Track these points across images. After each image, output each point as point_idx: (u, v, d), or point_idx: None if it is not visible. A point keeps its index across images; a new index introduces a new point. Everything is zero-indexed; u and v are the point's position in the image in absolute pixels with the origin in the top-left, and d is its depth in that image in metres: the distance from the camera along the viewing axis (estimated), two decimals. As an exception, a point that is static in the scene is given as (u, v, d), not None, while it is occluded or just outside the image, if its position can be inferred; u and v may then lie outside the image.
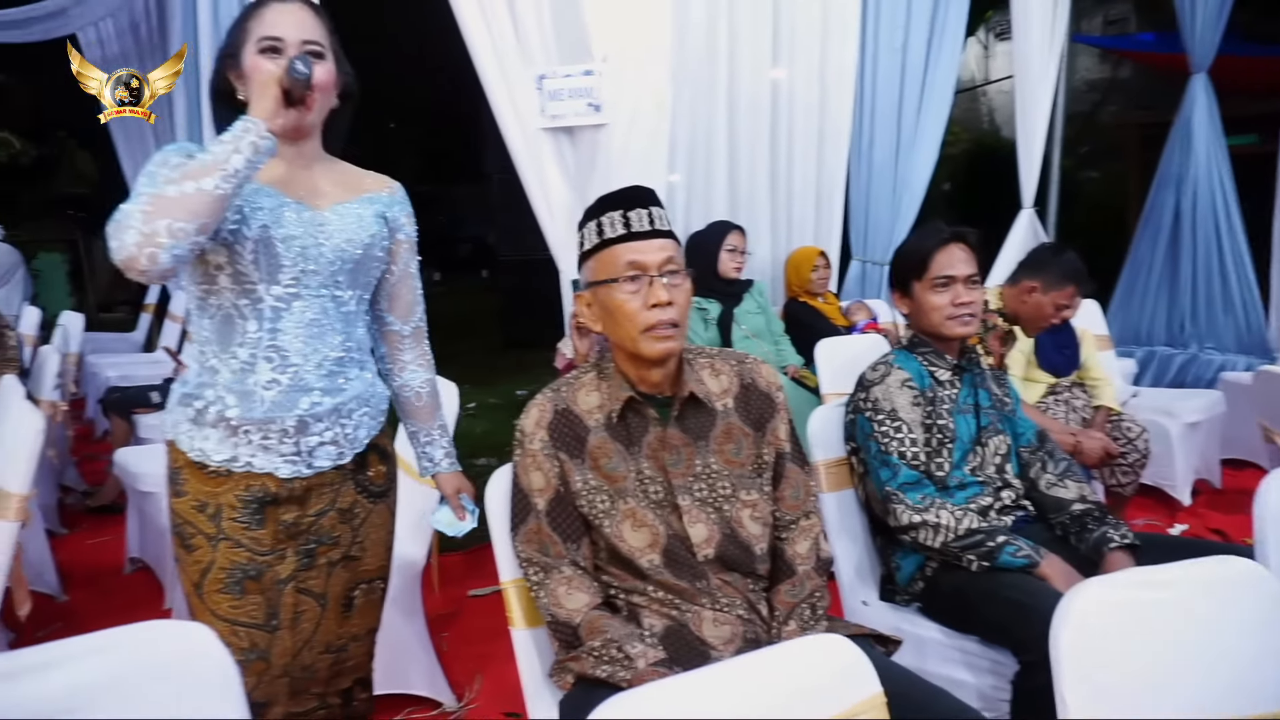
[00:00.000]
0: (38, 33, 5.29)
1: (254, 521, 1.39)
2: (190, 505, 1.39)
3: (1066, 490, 1.88)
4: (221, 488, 1.39)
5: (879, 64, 4.41)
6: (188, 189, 1.20)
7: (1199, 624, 1.04)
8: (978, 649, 1.69)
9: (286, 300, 1.38)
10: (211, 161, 1.23)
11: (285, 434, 1.39)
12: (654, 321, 1.38)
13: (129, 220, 1.19)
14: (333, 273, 1.42)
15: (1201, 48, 4.45)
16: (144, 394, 3.84)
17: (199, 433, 1.38)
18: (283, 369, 1.38)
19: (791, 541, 1.50)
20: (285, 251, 1.37)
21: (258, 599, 1.40)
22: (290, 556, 1.43)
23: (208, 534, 1.38)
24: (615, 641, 1.33)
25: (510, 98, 3.25)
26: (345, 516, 1.49)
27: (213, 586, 1.38)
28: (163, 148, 1.36)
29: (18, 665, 0.87)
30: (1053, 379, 3.11)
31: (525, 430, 1.45)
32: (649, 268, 1.40)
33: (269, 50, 1.37)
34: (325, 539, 1.47)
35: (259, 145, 1.26)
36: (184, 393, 1.42)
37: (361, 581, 1.54)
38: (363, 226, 1.45)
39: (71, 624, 2.81)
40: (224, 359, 1.38)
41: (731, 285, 3.43)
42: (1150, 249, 4.69)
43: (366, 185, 1.53)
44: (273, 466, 1.39)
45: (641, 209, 1.42)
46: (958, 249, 1.90)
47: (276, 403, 1.38)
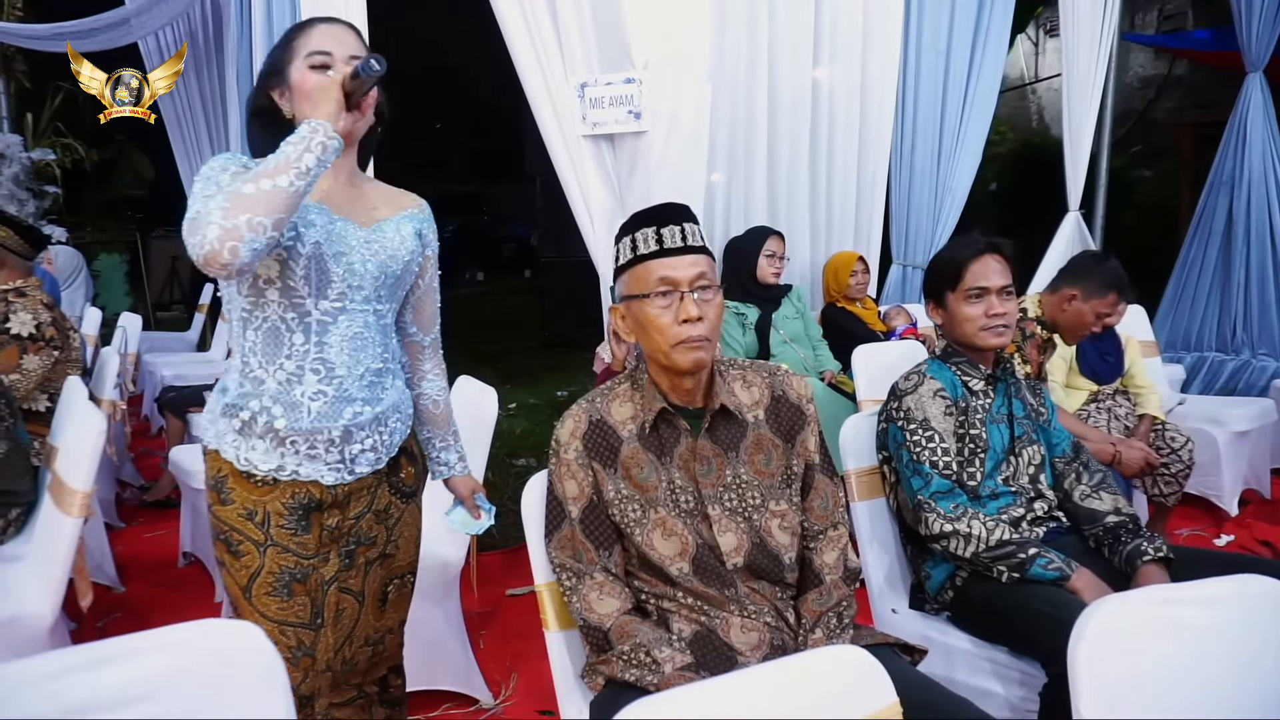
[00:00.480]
0: (102, 41, 5.48)
1: (300, 527, 1.45)
2: (238, 513, 1.43)
3: (1101, 502, 1.87)
4: (268, 495, 1.43)
5: (921, 66, 4.38)
6: (265, 186, 1.24)
7: (1218, 643, 1.04)
8: (1007, 659, 1.70)
9: (333, 314, 1.43)
10: (284, 161, 1.26)
11: (331, 443, 1.44)
12: (685, 336, 1.42)
13: (209, 217, 1.22)
14: (376, 288, 1.48)
15: (1258, 47, 4.35)
16: (198, 393, 3.97)
17: (245, 443, 1.43)
18: (328, 380, 1.43)
19: (819, 551, 1.52)
20: (335, 268, 1.42)
21: (304, 600, 1.45)
22: (333, 559, 1.49)
23: (256, 540, 1.43)
24: (644, 646, 1.37)
25: (552, 105, 3.30)
26: (381, 517, 1.56)
27: (261, 590, 1.43)
28: (216, 156, 1.42)
29: (78, 661, 0.93)
30: (1095, 386, 3.08)
31: (561, 440, 1.49)
32: (680, 283, 1.43)
33: (320, 66, 1.42)
34: (364, 539, 1.54)
35: (328, 145, 1.30)
36: (226, 403, 1.45)
37: (395, 577, 1.61)
38: (404, 244, 1.51)
39: (129, 614, 2.93)
40: (270, 370, 1.42)
41: (770, 290, 3.44)
42: (1202, 252, 4.60)
43: (404, 201, 1.59)
44: (318, 474, 1.45)
45: (674, 225, 1.45)
46: (993, 260, 1.90)
47: (322, 413, 1.43)
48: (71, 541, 2.03)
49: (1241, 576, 1.10)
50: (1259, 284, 4.37)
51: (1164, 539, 2.97)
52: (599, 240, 3.41)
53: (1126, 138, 8.40)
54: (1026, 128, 9.99)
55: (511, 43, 3.25)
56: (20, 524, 2.38)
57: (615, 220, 3.42)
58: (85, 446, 2.04)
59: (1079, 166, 4.48)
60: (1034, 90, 10.33)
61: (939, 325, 1.98)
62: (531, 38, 3.24)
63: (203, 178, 1.35)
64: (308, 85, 1.40)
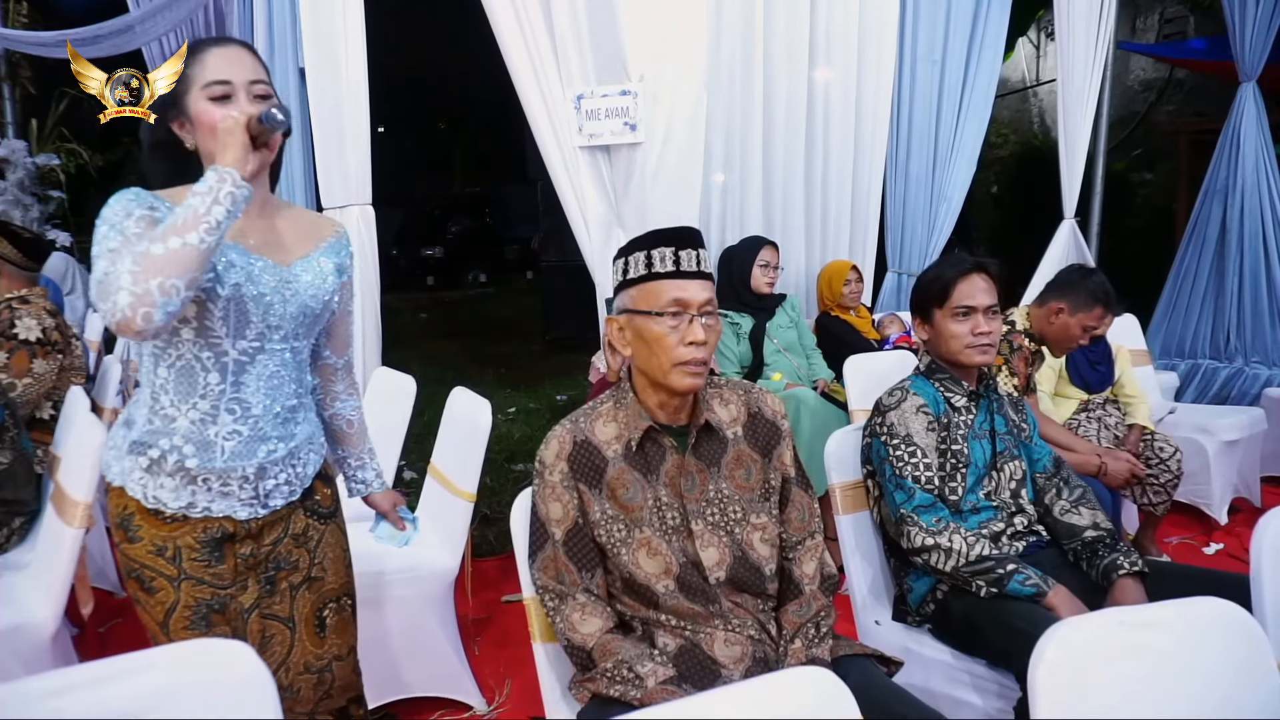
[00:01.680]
0: (106, 48, 5.53)
1: (214, 558, 1.41)
2: (147, 550, 1.39)
3: (1080, 517, 1.91)
4: (178, 531, 1.40)
5: (916, 75, 4.42)
6: (173, 245, 1.19)
7: (1171, 665, 1.08)
8: (985, 672, 1.73)
9: (250, 354, 1.41)
10: (193, 216, 1.22)
11: (245, 480, 1.42)
12: (688, 358, 1.46)
13: (119, 281, 1.18)
14: (295, 327, 1.46)
15: (1251, 56, 4.38)
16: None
17: (153, 480, 1.39)
18: (244, 420, 1.41)
19: (799, 562, 1.57)
20: (255, 309, 1.39)
21: (224, 630, 1.42)
22: (252, 585, 1.46)
23: (169, 575, 1.39)
24: (626, 662, 1.41)
25: (549, 116, 3.34)
26: (300, 540, 1.54)
27: (179, 624, 1.40)
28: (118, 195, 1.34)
29: (79, 679, 0.97)
30: (1085, 395, 3.11)
31: (545, 461, 1.52)
32: (691, 306, 1.47)
33: (220, 97, 1.37)
34: (285, 564, 1.51)
35: (236, 195, 1.26)
36: (133, 440, 1.40)
37: (329, 600, 1.58)
38: (324, 282, 1.49)
39: (130, 619, 2.97)
40: (183, 409, 1.38)
41: (764, 300, 3.48)
42: (1195, 260, 4.63)
43: (322, 231, 1.55)
44: (231, 510, 1.42)
45: (692, 249, 1.49)
46: (979, 279, 1.94)
47: (236, 452, 1.41)
48: (73, 552, 2.08)
49: (1199, 599, 1.13)
50: (1252, 292, 4.40)
51: (1149, 551, 3.03)
52: (595, 250, 3.45)
53: (1127, 141, 8.42)
54: (1027, 131, 10.01)
55: (508, 54, 3.29)
56: (24, 532, 2.43)
57: (611, 230, 3.46)
58: (86, 458, 2.08)
59: (1074, 174, 4.51)
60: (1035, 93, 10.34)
61: (924, 341, 2.02)
62: (528, 49, 3.28)
63: (106, 221, 1.29)
64: (208, 118, 1.36)
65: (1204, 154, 5.04)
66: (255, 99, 1.39)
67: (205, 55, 1.40)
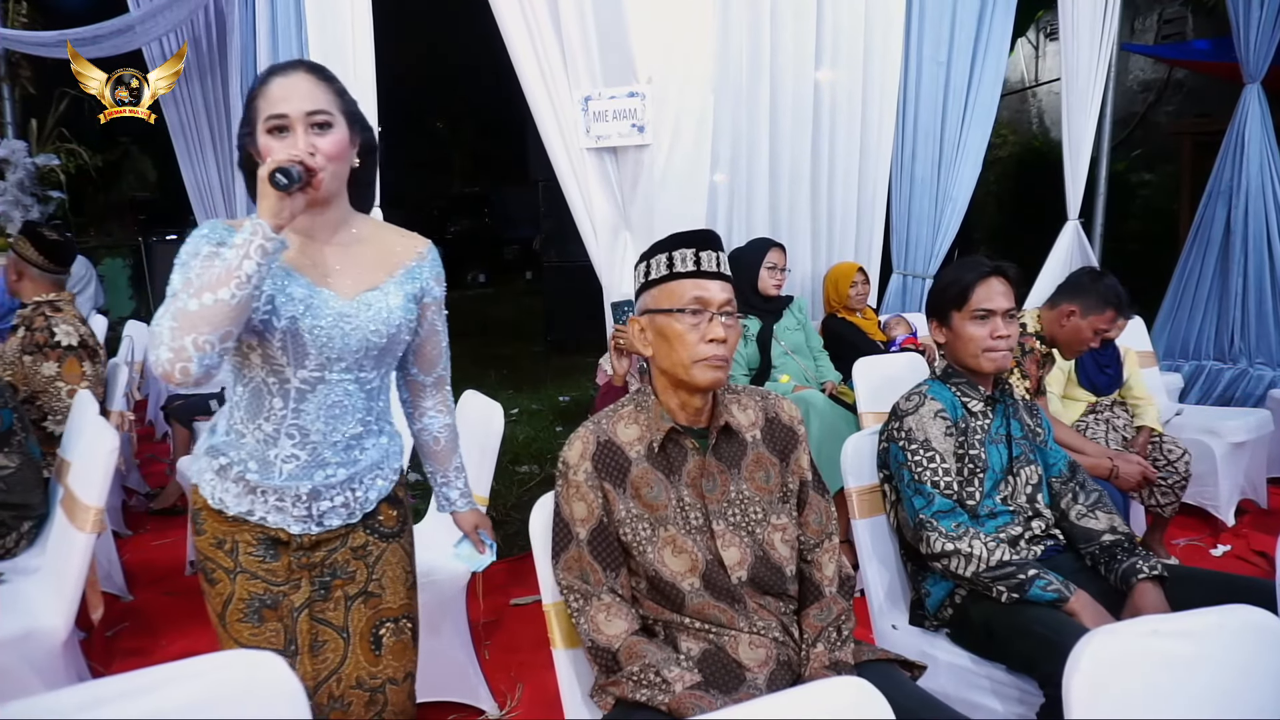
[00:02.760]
0: (106, 48, 5.51)
1: (268, 556, 1.46)
2: (209, 542, 1.46)
3: (1097, 521, 1.91)
4: (237, 528, 1.46)
5: (922, 77, 4.42)
6: (207, 301, 1.23)
7: (1204, 674, 1.07)
8: (1005, 677, 1.73)
9: (311, 383, 1.43)
10: (226, 271, 1.25)
11: (298, 499, 1.46)
12: (708, 354, 1.48)
13: (160, 337, 1.23)
14: (358, 359, 1.46)
15: (1256, 58, 4.38)
16: (204, 402, 4.01)
17: (220, 484, 1.46)
18: (302, 445, 1.44)
19: (818, 564, 1.58)
20: (312, 341, 1.40)
21: (276, 626, 1.46)
22: (305, 586, 1.49)
23: (226, 568, 1.45)
24: (653, 666, 1.40)
25: (556, 118, 3.33)
26: (358, 553, 1.54)
27: (234, 616, 1.45)
28: (202, 226, 1.39)
29: (107, 692, 0.96)
30: (1093, 398, 3.11)
31: (569, 462, 1.53)
32: (712, 304, 1.50)
33: (276, 129, 1.38)
34: (340, 573, 1.52)
35: (266, 248, 1.27)
36: (211, 444, 1.48)
37: (386, 620, 1.56)
38: (392, 314, 1.47)
39: (137, 623, 2.96)
40: (250, 428, 1.44)
41: (771, 302, 3.47)
42: (1200, 261, 4.63)
43: (397, 256, 1.52)
44: (284, 524, 1.46)
45: (713, 251, 1.53)
46: (997, 282, 1.94)
47: (293, 474, 1.45)
48: (85, 557, 2.06)
49: (1228, 607, 1.13)
50: (1256, 293, 4.40)
51: (1157, 553, 3.03)
52: (601, 252, 3.44)
53: (1127, 141, 8.43)
54: (1027, 131, 10.02)
55: (515, 55, 3.28)
56: (32, 537, 2.42)
57: (618, 232, 3.46)
58: (98, 463, 2.07)
59: (1078, 175, 4.51)
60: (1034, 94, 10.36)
61: (942, 345, 2.02)
62: (535, 50, 3.27)
63: (179, 258, 1.35)
64: (266, 154, 1.38)
65: (1207, 154, 5.04)
66: (315, 129, 1.38)
67: (268, 86, 1.40)
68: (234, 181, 6.07)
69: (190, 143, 6.25)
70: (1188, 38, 8.23)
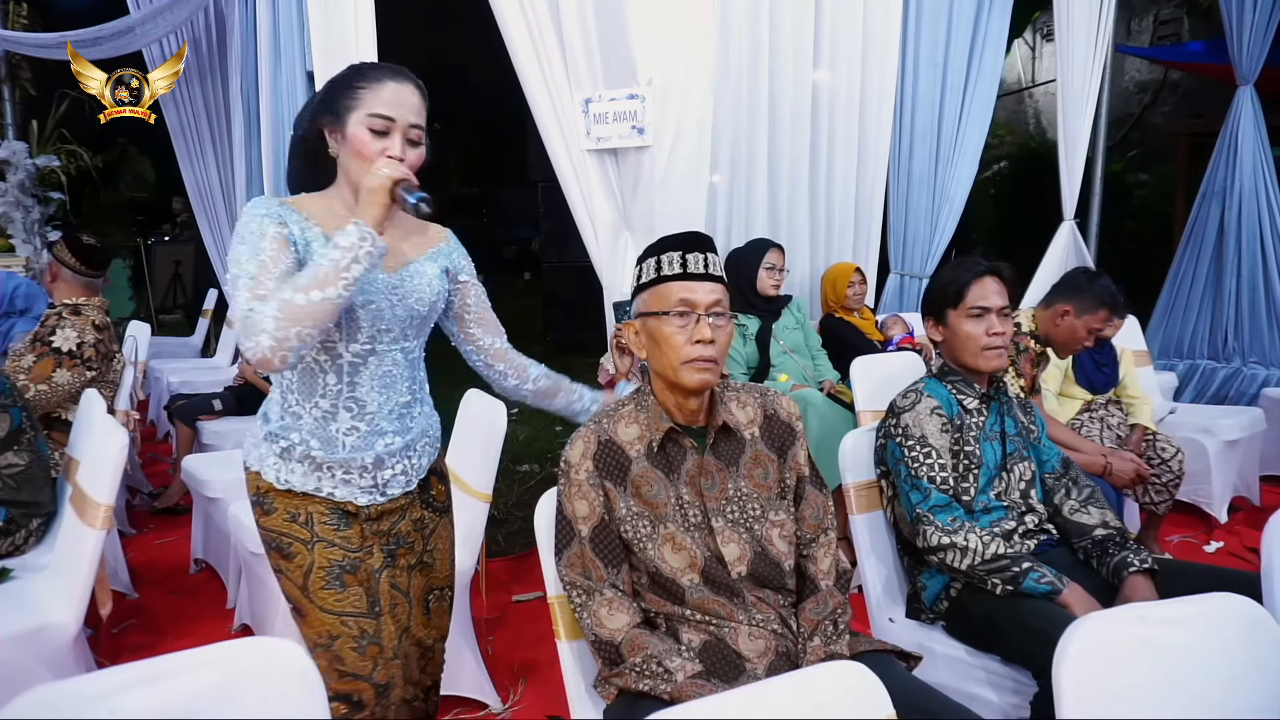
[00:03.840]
0: (106, 50, 5.53)
1: (342, 524, 1.53)
2: (283, 519, 1.52)
3: (1089, 516, 1.94)
4: (308, 501, 1.53)
5: (919, 78, 4.45)
6: (314, 298, 1.30)
7: (1193, 661, 1.11)
8: (1000, 669, 1.77)
9: (363, 356, 1.51)
10: (333, 270, 1.32)
11: (364, 469, 1.53)
12: (695, 356, 1.51)
13: (262, 324, 1.29)
14: (404, 329, 1.55)
15: (1248, 60, 4.43)
16: (207, 402, 4.04)
17: (285, 466, 1.52)
18: (360, 417, 1.52)
19: (814, 559, 1.61)
20: (364, 315, 1.48)
21: (358, 590, 1.52)
22: (377, 551, 1.57)
23: (303, 539, 1.51)
24: (655, 657, 1.44)
25: (556, 119, 3.37)
26: (417, 525, 1.65)
27: (317, 584, 1.50)
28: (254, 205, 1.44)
29: (130, 678, 0.99)
30: (1090, 396, 3.15)
31: (571, 461, 1.56)
32: (698, 306, 1.52)
33: (380, 130, 1.44)
34: (403, 542, 1.62)
35: (373, 253, 1.36)
36: (269, 431, 1.54)
37: (434, 587, 1.70)
38: (430, 285, 1.58)
39: (143, 621, 2.99)
40: (306, 407, 1.51)
41: (770, 302, 3.51)
42: (1194, 261, 4.68)
43: (426, 238, 1.64)
44: (352, 496, 1.54)
45: (699, 253, 1.55)
46: (992, 281, 1.98)
47: (356, 446, 1.52)
48: (95, 553, 2.09)
49: (1216, 595, 1.17)
50: (1250, 293, 4.45)
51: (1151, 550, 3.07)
52: (603, 253, 3.47)
53: (1123, 142, 8.47)
54: (1024, 131, 10.06)
55: (516, 57, 3.31)
56: (41, 534, 2.44)
57: (619, 233, 3.49)
58: (108, 461, 2.10)
59: (1074, 176, 4.55)
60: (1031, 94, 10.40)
61: (938, 343, 2.05)
62: (536, 52, 3.30)
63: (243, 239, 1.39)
64: (363, 146, 1.44)
65: (1202, 156, 5.08)
66: (409, 143, 1.46)
67: (381, 84, 1.45)
68: (233, 183, 6.09)
69: (190, 144, 6.27)
70: (1183, 39, 8.28)
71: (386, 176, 1.38)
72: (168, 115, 6.10)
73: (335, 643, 1.49)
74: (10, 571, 2.28)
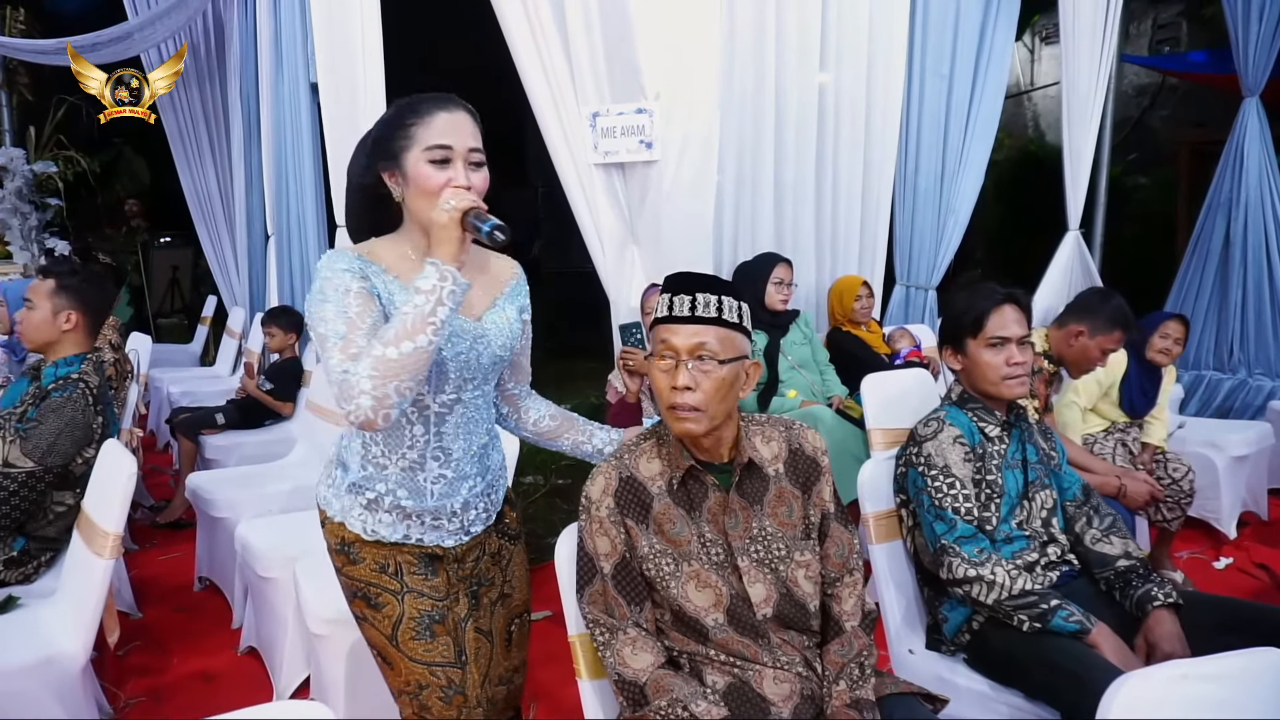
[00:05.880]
0: (106, 55, 5.50)
1: (429, 572, 1.53)
2: (371, 569, 1.51)
3: (1112, 546, 1.93)
4: (396, 550, 1.52)
5: (925, 90, 4.44)
6: (406, 349, 1.27)
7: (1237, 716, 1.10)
8: (1023, 704, 1.75)
9: (449, 405, 1.50)
10: (420, 318, 1.28)
11: (453, 515, 1.54)
12: (675, 403, 1.46)
13: (359, 385, 1.26)
14: (486, 375, 1.55)
15: (1254, 70, 4.42)
16: (210, 415, 4.01)
17: (373, 517, 1.51)
18: (447, 465, 1.52)
19: (838, 599, 1.58)
20: (453, 367, 1.47)
21: (446, 640, 1.52)
22: (462, 599, 1.58)
23: (393, 590, 1.50)
24: (680, 701, 1.42)
25: (563, 133, 3.35)
26: (495, 559, 1.65)
27: (406, 635, 1.50)
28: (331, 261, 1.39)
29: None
30: (1124, 417, 3.14)
31: (592, 497, 1.54)
32: (679, 351, 1.47)
33: (440, 161, 1.40)
34: (485, 581, 1.63)
35: (456, 292, 1.32)
36: (351, 482, 1.52)
37: (515, 616, 1.70)
38: (511, 329, 1.57)
39: (148, 642, 2.96)
40: (393, 458, 1.49)
41: (778, 317, 3.49)
42: (1199, 272, 4.68)
43: (502, 275, 1.61)
44: (439, 540, 1.54)
45: (686, 295, 1.48)
46: (1010, 309, 1.96)
47: (443, 494, 1.52)
48: (104, 583, 2.07)
49: (1254, 651, 1.15)
50: (1256, 304, 4.45)
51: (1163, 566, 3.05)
52: (609, 266, 3.46)
53: (1122, 146, 8.48)
54: (1023, 135, 10.06)
55: (524, 72, 3.29)
56: (50, 563, 2.41)
57: (625, 246, 3.47)
58: (117, 490, 2.07)
59: (1079, 185, 4.55)
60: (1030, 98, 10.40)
61: (956, 371, 2.03)
62: (544, 67, 3.29)
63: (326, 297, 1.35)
64: (427, 182, 1.40)
65: (1203, 162, 5.08)
66: (471, 166, 1.43)
67: (432, 116, 1.42)
68: (232, 189, 6.06)
69: (189, 149, 6.24)
70: (1182, 44, 8.29)
71: (454, 208, 1.34)
72: (165, 120, 6.07)
73: (423, 693, 1.49)
74: (18, 599, 2.25)
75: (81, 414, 2.33)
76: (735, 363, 1.49)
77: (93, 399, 2.37)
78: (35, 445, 2.26)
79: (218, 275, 6.26)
